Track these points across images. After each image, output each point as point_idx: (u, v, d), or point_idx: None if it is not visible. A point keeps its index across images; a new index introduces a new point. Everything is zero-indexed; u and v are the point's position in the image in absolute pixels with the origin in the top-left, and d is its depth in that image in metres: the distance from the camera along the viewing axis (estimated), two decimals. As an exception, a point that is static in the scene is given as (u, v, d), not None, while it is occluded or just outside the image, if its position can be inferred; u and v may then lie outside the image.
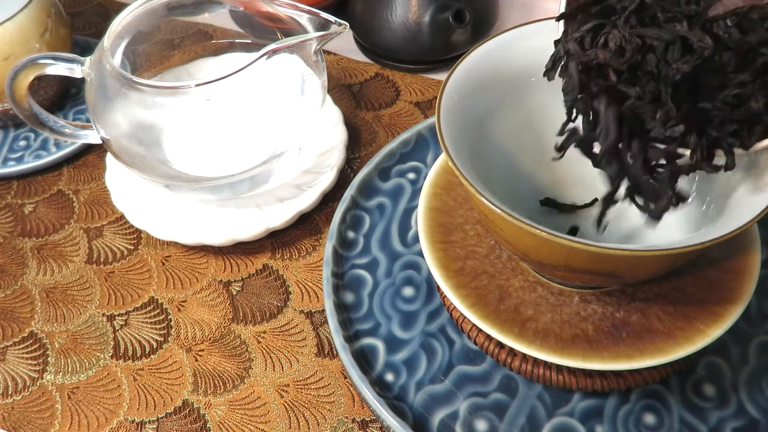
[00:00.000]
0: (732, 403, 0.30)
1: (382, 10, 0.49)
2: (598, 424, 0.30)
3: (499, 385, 0.31)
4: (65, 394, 0.35)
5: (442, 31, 0.48)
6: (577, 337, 0.27)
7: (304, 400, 0.33)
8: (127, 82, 0.34)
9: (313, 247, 0.40)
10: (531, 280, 0.30)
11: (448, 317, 0.34)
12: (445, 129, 0.26)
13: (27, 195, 0.45)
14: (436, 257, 0.30)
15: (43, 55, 0.36)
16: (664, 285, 0.29)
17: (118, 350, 0.36)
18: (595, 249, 0.21)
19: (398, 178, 0.40)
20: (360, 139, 0.46)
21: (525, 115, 0.32)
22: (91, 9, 0.60)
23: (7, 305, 0.39)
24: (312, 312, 0.37)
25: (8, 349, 0.37)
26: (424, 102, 0.48)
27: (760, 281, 0.28)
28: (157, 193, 0.41)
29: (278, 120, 0.39)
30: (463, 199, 0.33)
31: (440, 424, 0.30)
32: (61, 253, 0.42)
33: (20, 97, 0.37)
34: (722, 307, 0.27)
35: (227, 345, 0.36)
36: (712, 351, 0.31)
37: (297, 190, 0.41)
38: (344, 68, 0.51)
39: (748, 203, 0.23)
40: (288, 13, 0.37)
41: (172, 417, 0.33)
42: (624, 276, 0.25)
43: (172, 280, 0.39)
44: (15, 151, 0.47)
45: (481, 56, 0.28)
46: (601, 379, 0.29)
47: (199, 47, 0.43)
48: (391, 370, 0.32)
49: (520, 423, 0.30)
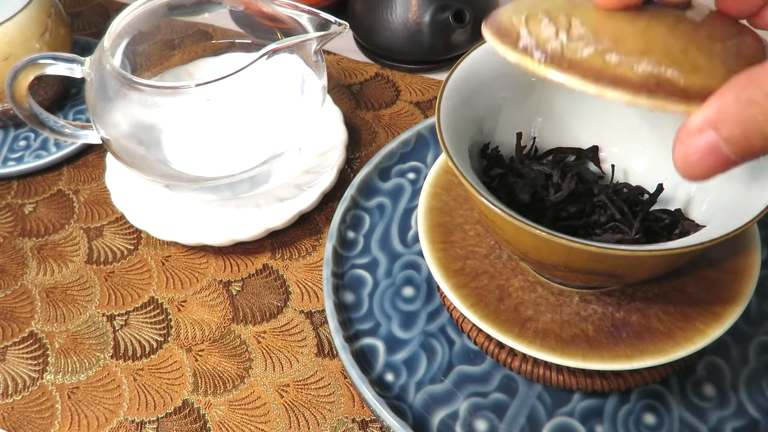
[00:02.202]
0: (732, 403, 0.30)
1: (382, 10, 0.49)
2: (598, 424, 0.30)
3: (499, 385, 0.31)
4: (65, 394, 0.35)
5: (442, 31, 0.48)
6: (577, 337, 0.27)
7: (304, 400, 0.33)
8: (127, 82, 0.34)
9: (313, 247, 0.40)
10: (531, 280, 0.30)
11: (448, 317, 0.34)
12: (445, 129, 0.26)
13: (27, 195, 0.45)
14: (436, 257, 0.30)
15: (43, 55, 0.36)
16: (664, 285, 0.29)
17: (118, 350, 0.36)
18: (595, 249, 0.21)
19: (398, 178, 0.40)
20: (360, 139, 0.46)
21: (525, 115, 0.32)
22: (91, 9, 0.60)
23: (7, 305, 0.39)
24: (312, 312, 0.37)
25: (8, 349, 0.37)
26: (424, 102, 0.48)
27: (760, 281, 0.28)
28: (157, 193, 0.41)
29: (278, 120, 0.39)
30: (463, 199, 0.33)
31: (440, 424, 0.30)
32: (61, 253, 0.42)
33: (20, 97, 0.37)
34: (722, 307, 0.27)
35: (227, 345, 0.36)
36: (712, 351, 0.31)
37: (297, 190, 0.41)
38: (344, 68, 0.51)
39: (748, 203, 0.23)
40: (288, 13, 0.37)
41: (172, 417, 0.33)
42: (624, 276, 0.25)
43: (172, 280, 0.39)
44: (15, 151, 0.47)
45: (481, 56, 0.28)
46: (601, 379, 0.29)
47: (199, 47, 0.43)
48: (391, 370, 0.32)
49: (520, 423, 0.30)
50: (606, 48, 0.19)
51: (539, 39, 0.20)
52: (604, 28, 0.20)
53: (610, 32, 0.20)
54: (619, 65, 0.19)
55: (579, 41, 0.20)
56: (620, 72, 0.19)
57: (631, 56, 0.19)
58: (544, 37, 0.20)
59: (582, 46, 0.20)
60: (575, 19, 0.20)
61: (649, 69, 0.19)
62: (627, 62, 0.19)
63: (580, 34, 0.20)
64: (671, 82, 0.19)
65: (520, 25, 0.21)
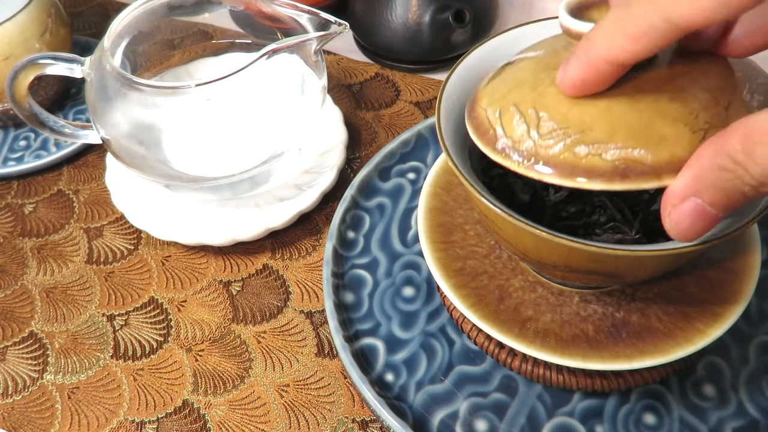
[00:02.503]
0: (732, 403, 0.30)
1: (382, 10, 0.49)
2: (598, 424, 0.30)
3: (499, 385, 0.31)
4: (65, 394, 0.35)
5: (442, 31, 0.48)
6: (577, 337, 0.27)
7: (304, 400, 0.33)
8: (127, 82, 0.34)
9: (313, 247, 0.40)
10: (531, 280, 0.30)
11: (448, 317, 0.34)
12: (445, 129, 0.26)
13: (27, 195, 0.45)
14: (436, 257, 0.30)
15: (43, 55, 0.36)
16: (664, 285, 0.29)
17: (118, 350, 0.36)
18: (594, 249, 0.21)
19: (398, 178, 0.40)
20: (360, 139, 0.46)
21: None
22: (91, 9, 0.60)
23: (7, 305, 0.39)
24: (312, 312, 0.37)
25: (8, 349, 0.37)
26: (424, 102, 0.48)
27: (760, 281, 0.28)
28: (157, 193, 0.41)
29: (278, 120, 0.39)
30: (463, 199, 0.33)
31: (440, 424, 0.30)
32: (61, 253, 0.42)
33: (20, 97, 0.37)
34: (722, 307, 0.27)
35: (227, 345, 0.36)
36: (712, 351, 0.31)
37: (297, 190, 0.41)
38: (344, 68, 0.51)
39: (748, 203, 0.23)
40: (288, 13, 0.37)
41: (172, 417, 0.33)
42: (624, 276, 0.25)
43: (172, 280, 0.39)
44: (15, 151, 0.47)
45: (481, 56, 0.28)
46: (601, 379, 0.29)
47: (199, 47, 0.43)
48: (391, 370, 0.32)
49: (520, 423, 0.30)
50: (575, 140, 0.20)
51: (514, 140, 0.22)
52: (569, 116, 0.21)
53: (576, 120, 0.21)
54: (589, 156, 0.20)
55: (549, 137, 0.21)
56: (591, 163, 0.20)
57: (599, 144, 0.20)
58: (518, 137, 0.22)
59: (553, 142, 0.21)
60: (542, 111, 0.21)
61: (617, 154, 0.20)
62: (596, 151, 0.20)
63: (550, 129, 0.21)
64: (640, 162, 0.20)
65: (495, 122, 0.23)
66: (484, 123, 0.23)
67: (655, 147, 0.20)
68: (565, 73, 0.20)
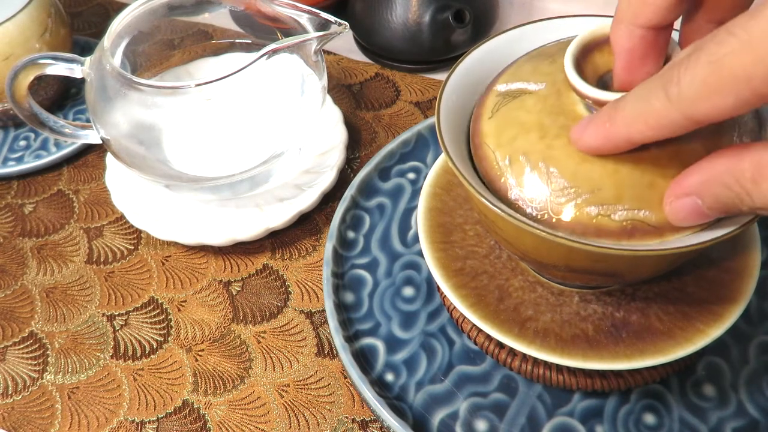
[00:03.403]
0: (732, 403, 0.30)
1: (382, 10, 0.49)
2: (598, 424, 0.30)
3: (499, 385, 0.31)
4: (65, 394, 0.35)
5: (442, 31, 0.48)
6: (577, 337, 0.27)
7: (304, 400, 0.33)
8: (127, 82, 0.34)
9: (313, 247, 0.40)
10: (531, 280, 0.30)
11: (448, 317, 0.34)
12: (445, 129, 0.25)
13: (27, 195, 0.45)
14: (436, 257, 0.30)
15: (43, 55, 0.36)
16: (664, 285, 0.29)
17: (118, 350, 0.36)
18: (594, 249, 0.21)
19: (398, 178, 0.40)
20: (360, 139, 0.46)
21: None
22: (91, 9, 0.60)
23: (7, 305, 0.39)
24: (312, 312, 0.37)
25: (8, 349, 0.37)
26: (424, 102, 0.48)
27: (760, 281, 0.28)
28: (157, 193, 0.41)
29: (278, 120, 0.39)
30: (463, 199, 0.33)
31: (440, 424, 0.30)
32: (61, 253, 0.42)
33: (20, 97, 0.37)
34: (722, 307, 0.27)
35: (227, 345, 0.36)
36: (712, 351, 0.31)
37: (297, 190, 0.41)
38: (344, 68, 0.51)
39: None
40: (288, 13, 0.37)
41: (172, 417, 0.33)
42: (624, 276, 0.25)
43: (172, 280, 0.39)
44: (15, 151, 0.47)
45: (481, 56, 0.28)
46: (601, 379, 0.29)
47: (199, 47, 0.43)
48: (391, 370, 0.32)
49: (520, 423, 0.30)
50: (585, 200, 0.22)
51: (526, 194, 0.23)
52: (578, 174, 0.22)
53: (585, 178, 0.22)
54: (599, 216, 0.22)
55: (561, 194, 0.22)
56: (602, 223, 0.22)
57: (608, 205, 0.22)
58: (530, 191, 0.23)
59: (565, 200, 0.22)
60: (552, 167, 0.22)
61: (625, 215, 0.22)
62: (605, 212, 0.22)
63: (561, 187, 0.22)
64: (645, 222, 0.22)
65: (506, 170, 0.24)
66: (494, 168, 0.24)
67: (658, 207, 0.21)
68: (581, 135, 0.22)
